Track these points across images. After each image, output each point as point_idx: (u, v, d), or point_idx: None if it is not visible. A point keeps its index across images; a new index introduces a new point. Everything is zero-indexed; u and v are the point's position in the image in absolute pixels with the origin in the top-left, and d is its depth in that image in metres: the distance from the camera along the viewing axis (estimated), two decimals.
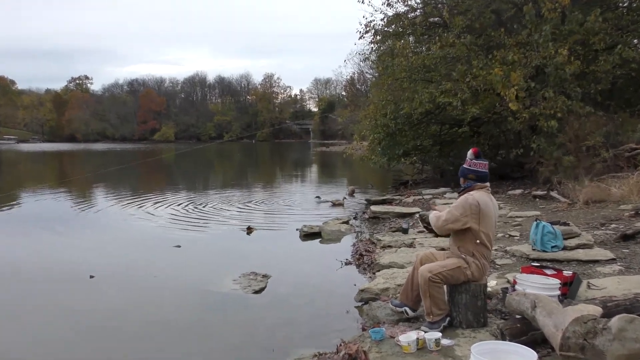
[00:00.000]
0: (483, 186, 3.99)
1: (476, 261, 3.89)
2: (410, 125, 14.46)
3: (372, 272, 6.34)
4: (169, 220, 10.99)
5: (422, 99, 12.63)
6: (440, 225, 3.93)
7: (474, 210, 3.81)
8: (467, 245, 3.91)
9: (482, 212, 3.83)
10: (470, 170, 4.00)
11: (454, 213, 3.86)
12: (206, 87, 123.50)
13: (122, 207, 12.84)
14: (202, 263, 7.45)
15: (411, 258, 6.19)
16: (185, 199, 14.44)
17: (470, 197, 3.86)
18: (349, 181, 21.37)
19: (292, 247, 8.50)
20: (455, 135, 15.71)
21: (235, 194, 15.78)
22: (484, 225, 3.85)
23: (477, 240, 3.87)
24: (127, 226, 10.46)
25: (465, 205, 3.83)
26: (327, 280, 6.36)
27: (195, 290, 6.07)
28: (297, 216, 11.46)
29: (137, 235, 9.59)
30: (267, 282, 6.18)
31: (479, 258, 3.90)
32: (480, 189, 3.96)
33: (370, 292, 5.17)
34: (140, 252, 8.18)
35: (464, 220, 3.82)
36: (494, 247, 6.16)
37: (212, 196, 15.39)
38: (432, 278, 3.83)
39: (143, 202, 13.64)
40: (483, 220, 3.84)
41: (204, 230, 10.04)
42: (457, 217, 3.84)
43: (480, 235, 3.86)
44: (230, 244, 8.80)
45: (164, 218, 11.27)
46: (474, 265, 3.89)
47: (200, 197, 15.11)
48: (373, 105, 15.40)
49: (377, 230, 9.20)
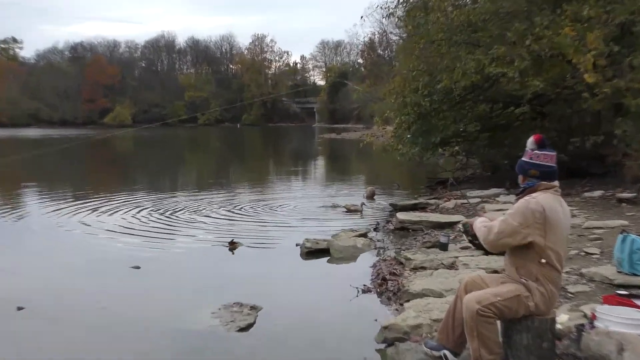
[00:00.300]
0: (550, 186, 3.97)
1: (541, 288, 3.87)
2: (450, 104, 14.41)
3: (399, 302, 6.30)
4: (125, 232, 10.96)
5: (466, 68, 12.57)
6: (493, 240, 3.91)
7: (538, 218, 3.79)
8: (528, 267, 3.89)
9: (549, 221, 3.81)
10: (532, 164, 3.99)
11: (511, 223, 3.84)
12: (175, 53, 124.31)
13: (61, 214, 12.89)
14: (169, 290, 7.42)
15: (453, 284, 6.14)
16: (147, 203, 14.47)
17: (532, 201, 3.84)
18: (367, 180, 21.38)
19: (291, 269, 8.46)
20: (511, 117, 15.61)
21: (214, 197, 15.82)
22: (551, 240, 3.83)
23: (542, 260, 3.85)
24: (67, 240, 10.47)
25: (526, 213, 3.81)
26: (337, 313, 6.32)
27: (160, 327, 6.04)
28: (297, 227, 11.43)
29: (82, 252, 9.58)
30: (257, 316, 6.15)
31: (545, 283, 3.87)
32: (545, 190, 3.94)
33: (396, 329, 5.14)
34: (85, 276, 8.16)
35: (525, 232, 3.80)
36: (564, 269, 6.12)
37: (182, 199, 15.42)
38: (481, 311, 3.81)
39: (89, 208, 13.68)
40: (550, 232, 3.82)
41: (171, 245, 10.02)
42: (514, 229, 3.82)
43: (546, 252, 3.83)
44: (207, 265, 8.77)
45: (117, 229, 11.25)
46: (538, 293, 3.86)
47: (166, 200, 15.16)
48: (400, 78, 15.34)
49: (406, 245, 9.16)
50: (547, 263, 3.86)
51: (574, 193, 12.14)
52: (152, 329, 6.01)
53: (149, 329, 6.02)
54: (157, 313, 6.48)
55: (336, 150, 44.19)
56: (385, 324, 5.27)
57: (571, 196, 11.82)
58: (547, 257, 3.84)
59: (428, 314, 5.31)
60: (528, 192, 3.97)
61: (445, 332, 4.27)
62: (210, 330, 5.81)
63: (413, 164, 17.48)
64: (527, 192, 3.97)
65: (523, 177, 4.05)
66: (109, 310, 6.54)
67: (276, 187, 19.49)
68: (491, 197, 12.80)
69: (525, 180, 4.03)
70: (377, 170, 25.10)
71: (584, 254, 7.20)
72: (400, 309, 5.99)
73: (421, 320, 5.20)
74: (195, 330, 5.86)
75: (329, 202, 14.29)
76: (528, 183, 4.00)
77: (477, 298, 3.87)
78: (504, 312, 3.85)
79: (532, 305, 3.86)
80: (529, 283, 3.87)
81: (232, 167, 30.03)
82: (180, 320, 6.16)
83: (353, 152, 37.42)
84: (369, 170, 26.49)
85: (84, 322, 6.25)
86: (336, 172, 26.43)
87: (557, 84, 12.65)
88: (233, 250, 9.45)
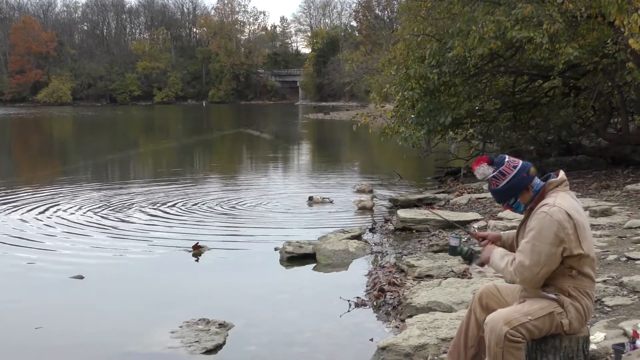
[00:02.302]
0: (559, 182, 3.98)
1: (576, 303, 3.88)
2: (463, 77, 14.43)
3: (399, 318, 6.35)
4: (64, 234, 10.94)
5: (484, 32, 12.59)
6: (530, 278, 3.85)
7: (569, 228, 3.80)
8: (559, 282, 3.90)
9: (578, 225, 3.82)
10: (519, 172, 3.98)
11: (541, 247, 3.79)
12: (125, 13, 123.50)
13: None
14: (119, 305, 7.41)
15: (465, 296, 6.19)
16: (91, 199, 14.44)
17: (553, 210, 3.81)
18: (361, 170, 21.39)
19: (268, 279, 8.48)
20: (538, 93, 15.68)
21: (174, 191, 15.81)
22: (585, 246, 3.85)
23: (574, 271, 3.86)
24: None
25: (553, 227, 3.78)
26: (324, 332, 6.34)
27: (108, 350, 6.05)
28: (276, 227, 11.47)
29: (9, 259, 9.53)
30: (227, 335, 6.18)
31: (580, 297, 3.89)
32: (556, 190, 3.96)
33: (396, 351, 5.18)
34: (15, 289, 8.14)
35: (560, 250, 3.80)
36: (599, 278, 6.18)
37: (134, 194, 15.38)
38: (510, 335, 3.80)
39: (18, 204, 13.63)
40: (582, 237, 3.83)
41: (121, 250, 9.99)
42: (549, 252, 3.78)
43: (581, 262, 3.86)
44: (166, 274, 8.76)
45: (54, 230, 11.23)
46: (572, 309, 3.88)
47: (115, 195, 15.11)
48: (402, 44, 15.36)
49: (409, 249, 9.21)
50: (581, 274, 3.86)
51: (614, 185, 12.20)
52: (98, 352, 6.01)
53: (95, 353, 6.02)
54: (104, 333, 6.47)
55: (324, 133, 44.19)
56: (383, 344, 5.30)
57: (610, 189, 11.89)
58: (581, 267, 3.85)
59: (435, 332, 5.34)
60: (537, 199, 3.98)
61: (456, 354, 4.28)
62: (170, 353, 5.82)
63: (419, 150, 17.49)
64: (537, 199, 3.98)
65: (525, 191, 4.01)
66: (45, 331, 6.52)
67: (250, 179, 19.46)
68: None
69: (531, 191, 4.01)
70: (374, 159, 25.14)
71: (625, 260, 7.23)
72: (401, 326, 6.02)
73: (426, 339, 5.23)
74: (151, 353, 5.87)
75: (315, 196, 14.27)
76: (535, 190, 3.99)
77: (504, 318, 3.85)
78: (534, 333, 3.86)
79: (567, 323, 3.86)
80: (560, 297, 3.88)
81: (195, 154, 29.94)
82: (133, 341, 6.16)
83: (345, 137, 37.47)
84: (364, 158, 26.51)
85: (13, 345, 6.24)
86: (324, 161, 26.42)
87: (595, 51, 12.69)
88: (197, 256, 9.45)
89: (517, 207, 4.06)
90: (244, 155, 29.90)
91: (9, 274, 8.77)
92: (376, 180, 17.24)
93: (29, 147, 34.18)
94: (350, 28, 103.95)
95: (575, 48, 12.09)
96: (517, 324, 3.81)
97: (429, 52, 13.95)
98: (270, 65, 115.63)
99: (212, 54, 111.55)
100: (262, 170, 22.66)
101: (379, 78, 26.01)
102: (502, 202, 4.10)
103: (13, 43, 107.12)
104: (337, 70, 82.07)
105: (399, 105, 15.42)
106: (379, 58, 32.41)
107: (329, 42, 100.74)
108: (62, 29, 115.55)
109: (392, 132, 15.87)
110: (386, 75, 17.29)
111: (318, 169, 23.03)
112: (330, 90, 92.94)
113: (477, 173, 4.07)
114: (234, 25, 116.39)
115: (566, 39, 12.19)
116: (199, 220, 12.11)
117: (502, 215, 10.10)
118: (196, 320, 6.46)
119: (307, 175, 20.37)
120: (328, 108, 71.69)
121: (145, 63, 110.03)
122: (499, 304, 4.10)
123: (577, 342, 3.92)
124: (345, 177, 19.25)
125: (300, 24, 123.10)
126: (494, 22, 12.43)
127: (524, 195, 4.01)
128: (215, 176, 19.93)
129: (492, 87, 15.43)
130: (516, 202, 4.05)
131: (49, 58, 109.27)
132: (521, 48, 13.46)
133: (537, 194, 3.98)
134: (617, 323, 5.20)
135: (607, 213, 9.69)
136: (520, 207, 4.05)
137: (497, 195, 4.07)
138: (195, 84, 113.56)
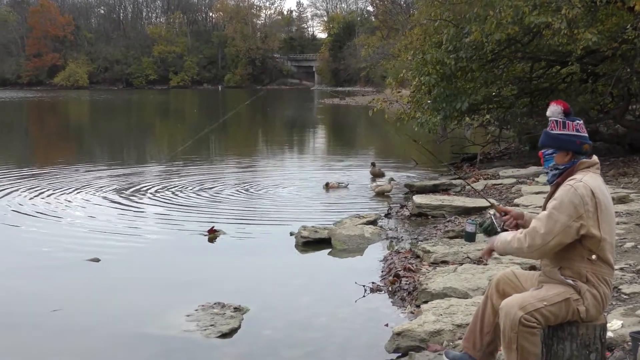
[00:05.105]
0: (591, 163, 3.94)
1: (593, 290, 3.85)
2: (480, 63, 14.35)
3: (414, 304, 6.34)
4: (80, 217, 11.00)
5: (502, 17, 12.50)
6: (540, 245, 3.81)
7: (590, 205, 3.76)
8: (576, 266, 3.87)
9: (601, 206, 3.79)
10: (580, 137, 3.94)
11: (559, 218, 3.77)
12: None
13: (2, 195, 12.87)
14: (135, 288, 7.45)
15: (481, 282, 6.18)
16: (107, 182, 14.50)
17: (579, 185, 3.79)
18: (377, 155, 21.36)
19: (283, 263, 8.50)
20: (555, 79, 15.56)
21: (190, 175, 15.84)
22: (604, 229, 3.82)
23: (593, 256, 3.83)
24: (8, 226, 10.48)
25: (576, 201, 3.75)
26: (340, 317, 6.35)
27: (123, 333, 6.09)
28: (292, 212, 11.49)
29: (27, 240, 9.60)
30: (242, 319, 6.19)
31: (597, 284, 3.86)
32: (587, 170, 3.92)
33: (411, 336, 5.18)
34: (32, 272, 8.17)
35: (577, 225, 3.76)
36: (616, 265, 6.15)
37: (151, 178, 15.45)
38: (525, 320, 3.79)
39: (36, 187, 13.70)
40: (603, 220, 3.80)
41: (137, 233, 10.04)
42: (565, 224, 3.76)
43: (600, 245, 3.82)
44: (181, 257, 8.80)
45: (70, 213, 11.29)
46: (589, 295, 3.86)
47: (131, 178, 15.18)
48: (419, 29, 15.27)
49: (424, 235, 9.19)
50: (599, 258, 3.83)
51: (632, 172, 12.13)
52: (113, 335, 6.05)
53: (109, 335, 6.06)
54: (120, 316, 6.51)
55: (340, 119, 44.10)
56: (398, 330, 5.31)
57: (628, 176, 11.81)
58: (599, 251, 3.81)
59: (450, 318, 5.34)
60: (567, 174, 3.93)
61: (472, 339, 4.27)
62: (185, 337, 5.84)
63: (435, 136, 17.43)
64: (566, 174, 3.93)
65: (565, 154, 3.99)
66: (62, 313, 6.57)
67: (266, 163, 19.47)
68: (529, 176, 12.79)
69: (568, 158, 3.97)
70: (390, 145, 25.05)
71: None
72: (416, 311, 6.02)
73: (442, 325, 5.23)
74: (167, 336, 5.90)
75: (331, 181, 14.27)
76: (572, 161, 3.96)
77: (519, 303, 3.84)
78: (549, 319, 3.84)
79: (583, 310, 3.84)
80: (578, 284, 3.85)
81: (212, 139, 29.95)
82: (148, 324, 6.20)
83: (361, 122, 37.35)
84: (380, 144, 26.44)
85: (31, 327, 6.28)
86: (339, 146, 26.41)
87: (614, 37, 12.57)
88: (213, 240, 9.47)
89: (549, 160, 4.01)
90: (260, 139, 29.90)
91: (26, 257, 8.82)
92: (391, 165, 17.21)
93: (46, 130, 34.37)
94: (366, 13, 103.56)
95: (594, 33, 11.98)
96: (532, 309, 3.79)
97: (446, 37, 13.87)
98: (286, 50, 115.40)
99: (228, 39, 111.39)
100: (278, 154, 22.68)
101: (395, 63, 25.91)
102: (543, 145, 4.04)
103: (30, 26, 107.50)
104: (353, 55, 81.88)
105: (415, 90, 15.35)
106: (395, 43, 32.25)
107: (345, 27, 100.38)
108: (79, 13, 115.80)
109: (408, 117, 15.83)
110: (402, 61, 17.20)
111: (333, 153, 23.02)
112: (346, 75, 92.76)
113: (550, 109, 4.02)
114: (250, 9, 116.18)
115: (585, 24, 12.09)
116: (214, 204, 12.14)
117: (518, 201, 10.06)
118: (211, 304, 6.48)
119: (323, 160, 20.37)
120: (344, 93, 71.34)
121: (161, 47, 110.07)
122: (516, 290, 4.07)
123: (594, 330, 3.91)
124: (360, 162, 19.22)
125: (317, 9, 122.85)
126: (511, 7, 12.34)
127: (562, 156, 3.95)
128: (231, 160, 19.96)
129: (509, 72, 15.32)
130: (551, 156, 3.99)
131: (65, 42, 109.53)
132: (539, 33, 13.35)
133: (567, 169, 3.93)
134: (634, 311, 5.18)
135: (625, 200, 9.63)
136: (550, 162, 4.00)
137: (545, 136, 4.03)
138: (211, 68, 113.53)
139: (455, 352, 4.41)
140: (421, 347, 5.07)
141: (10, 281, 7.69)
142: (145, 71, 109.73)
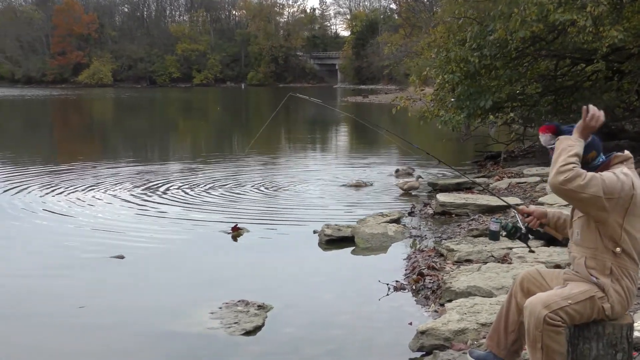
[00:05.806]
0: (625, 157, 3.92)
1: (616, 285, 3.83)
2: (504, 61, 14.27)
3: (438, 302, 6.34)
4: (105, 214, 11.07)
5: (526, 15, 12.43)
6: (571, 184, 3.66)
7: (626, 194, 3.72)
8: (601, 257, 3.85)
9: (635, 201, 3.76)
10: None
11: (597, 183, 3.69)
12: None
13: (25, 193, 12.99)
14: (159, 285, 7.51)
15: (505, 281, 6.16)
16: (131, 180, 14.58)
17: (622, 171, 3.78)
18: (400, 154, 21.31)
19: (306, 261, 8.53)
20: (580, 76, 15.44)
21: (213, 172, 15.90)
22: (631, 222, 3.79)
23: (617, 249, 3.81)
24: (34, 224, 10.57)
25: (616, 185, 3.71)
26: (363, 315, 6.36)
27: (148, 330, 6.13)
28: (315, 210, 11.51)
29: (51, 238, 9.66)
30: (265, 317, 6.22)
31: (621, 279, 3.84)
32: (622, 164, 3.89)
33: (435, 335, 5.18)
34: (57, 269, 8.24)
35: (604, 204, 3.69)
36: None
37: (175, 175, 15.53)
38: (549, 318, 3.78)
39: (60, 184, 13.80)
40: (633, 214, 3.78)
41: (161, 231, 10.09)
42: (597, 191, 3.67)
43: (625, 239, 3.79)
44: (205, 254, 8.85)
45: (95, 210, 11.37)
46: (613, 292, 3.83)
47: (155, 176, 15.28)
48: (443, 27, 15.21)
49: (448, 234, 9.18)
50: (624, 252, 3.81)
51: None
52: (138, 332, 6.10)
53: (135, 332, 6.11)
54: (145, 313, 6.57)
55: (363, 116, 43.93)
56: (422, 329, 5.30)
57: None
58: (625, 244, 3.79)
59: (474, 317, 5.33)
60: (601, 169, 3.89)
61: (496, 338, 4.27)
62: (210, 334, 5.88)
63: (458, 134, 17.38)
64: (601, 169, 3.89)
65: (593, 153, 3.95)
66: (88, 309, 6.63)
67: (289, 161, 19.51)
68: None
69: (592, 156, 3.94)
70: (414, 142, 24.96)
71: None
72: (440, 310, 6.02)
73: (466, 324, 5.23)
74: (191, 333, 5.93)
75: (354, 179, 14.28)
76: (602, 158, 3.94)
77: (544, 302, 3.82)
78: (574, 318, 3.82)
79: (608, 307, 3.81)
80: (601, 281, 3.83)
81: (235, 136, 30.10)
82: (172, 321, 6.23)
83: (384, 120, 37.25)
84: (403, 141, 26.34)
85: (57, 324, 6.36)
86: (363, 143, 26.36)
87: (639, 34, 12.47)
88: (236, 237, 9.50)
89: None
90: (283, 137, 29.93)
91: (52, 254, 8.90)
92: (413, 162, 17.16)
93: (71, 127, 34.65)
94: (389, 11, 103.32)
95: (619, 31, 11.89)
96: (557, 307, 3.77)
97: (470, 35, 13.81)
98: (309, 48, 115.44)
99: (251, 36, 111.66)
100: (301, 152, 22.68)
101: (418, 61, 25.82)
102: None
103: (55, 25, 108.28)
104: (376, 53, 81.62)
105: (438, 88, 15.32)
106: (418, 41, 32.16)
107: (368, 25, 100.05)
108: (103, 11, 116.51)
109: (432, 115, 15.79)
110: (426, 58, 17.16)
111: (356, 150, 23.00)
112: (369, 73, 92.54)
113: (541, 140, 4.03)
114: (273, 7, 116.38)
115: (610, 21, 11.99)
116: (238, 202, 12.17)
117: (543, 200, 10.00)
118: (235, 301, 6.50)
119: (346, 158, 20.34)
120: (367, 91, 71.39)
121: (184, 45, 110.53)
122: (541, 288, 4.05)
123: (621, 329, 3.88)
124: (384, 159, 19.19)
125: (340, 7, 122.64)
126: (536, 4, 12.27)
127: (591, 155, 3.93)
128: (254, 158, 19.98)
129: (533, 70, 15.22)
130: None
131: (90, 40, 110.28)
132: (564, 31, 13.25)
133: (602, 164, 3.91)
134: None
135: None
136: None
137: None
138: (234, 66, 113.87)
139: (479, 351, 4.40)
140: (445, 345, 5.06)
141: (36, 280, 7.76)
142: (169, 69, 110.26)
